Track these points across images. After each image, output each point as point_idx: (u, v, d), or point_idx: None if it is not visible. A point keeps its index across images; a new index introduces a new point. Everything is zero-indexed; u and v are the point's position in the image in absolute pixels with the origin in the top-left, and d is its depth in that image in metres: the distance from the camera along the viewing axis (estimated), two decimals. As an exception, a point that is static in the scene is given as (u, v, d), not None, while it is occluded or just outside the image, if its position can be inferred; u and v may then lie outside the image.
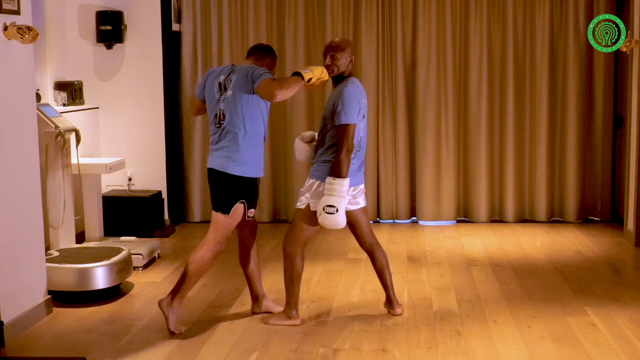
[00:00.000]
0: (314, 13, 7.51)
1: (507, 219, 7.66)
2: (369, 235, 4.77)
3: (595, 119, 7.54)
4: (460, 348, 4.28)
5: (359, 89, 4.54)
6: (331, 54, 4.50)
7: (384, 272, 4.79)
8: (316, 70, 4.48)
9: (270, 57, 4.67)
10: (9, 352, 4.26)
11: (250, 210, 4.56)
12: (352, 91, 4.45)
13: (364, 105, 4.54)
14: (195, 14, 7.51)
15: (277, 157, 7.70)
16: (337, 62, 4.50)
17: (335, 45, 4.52)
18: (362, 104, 4.51)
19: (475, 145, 7.56)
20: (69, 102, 6.66)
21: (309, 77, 4.43)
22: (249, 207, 4.55)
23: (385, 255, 4.82)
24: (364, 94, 4.59)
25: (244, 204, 4.51)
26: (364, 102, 4.56)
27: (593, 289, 5.36)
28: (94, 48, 7.20)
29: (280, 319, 4.66)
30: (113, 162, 6.18)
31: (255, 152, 4.48)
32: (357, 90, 4.50)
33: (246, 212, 4.55)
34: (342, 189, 4.37)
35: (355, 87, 4.51)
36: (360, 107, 4.48)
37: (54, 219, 5.61)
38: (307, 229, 4.59)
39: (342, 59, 4.50)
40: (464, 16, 7.47)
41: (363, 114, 4.54)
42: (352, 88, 4.47)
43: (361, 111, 4.50)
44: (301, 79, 4.39)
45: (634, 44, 6.50)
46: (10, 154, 4.51)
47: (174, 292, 4.51)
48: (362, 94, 4.56)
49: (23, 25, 4.47)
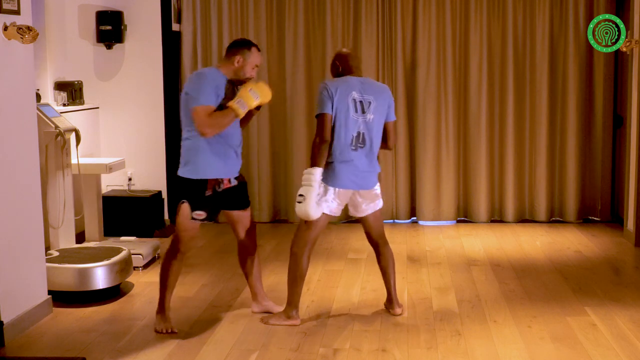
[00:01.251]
0: (314, 13, 7.51)
1: (507, 219, 7.66)
2: (378, 235, 4.82)
3: (595, 119, 7.54)
4: (460, 348, 4.28)
5: (341, 83, 4.55)
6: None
7: (387, 271, 4.82)
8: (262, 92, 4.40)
9: (238, 52, 4.48)
10: (9, 352, 4.26)
11: (196, 212, 4.44)
12: (324, 85, 4.53)
13: (352, 100, 4.52)
14: (195, 14, 7.51)
15: (277, 157, 7.70)
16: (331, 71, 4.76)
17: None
18: (342, 97, 4.50)
19: (475, 145, 7.56)
20: (69, 102, 6.66)
21: (254, 106, 4.37)
22: (193, 208, 4.45)
23: (392, 256, 4.85)
24: (366, 91, 4.58)
25: (188, 205, 4.45)
26: (359, 97, 4.55)
27: (593, 289, 5.36)
28: (94, 48, 7.20)
29: (280, 319, 4.66)
30: (113, 162, 6.18)
31: (199, 154, 4.40)
32: (335, 83, 4.54)
33: (191, 213, 4.45)
34: (311, 178, 4.43)
35: (335, 81, 4.58)
36: (332, 99, 4.48)
37: (54, 219, 5.61)
38: (313, 228, 4.60)
39: (331, 69, 4.75)
40: (464, 16, 7.47)
41: (359, 109, 4.53)
42: (328, 81, 4.57)
43: (339, 103, 4.49)
44: (233, 114, 4.32)
45: (634, 44, 6.50)
46: (10, 154, 4.50)
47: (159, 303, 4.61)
48: (352, 88, 4.54)
49: (23, 25, 4.46)
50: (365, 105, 4.57)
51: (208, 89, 4.32)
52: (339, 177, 4.54)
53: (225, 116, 4.31)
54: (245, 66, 4.46)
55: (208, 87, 4.32)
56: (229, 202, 4.59)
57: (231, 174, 4.51)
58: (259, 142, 7.63)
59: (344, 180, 4.55)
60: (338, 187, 4.56)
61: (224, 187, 4.48)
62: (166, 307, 4.58)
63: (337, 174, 4.54)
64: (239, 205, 4.65)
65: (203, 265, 6.10)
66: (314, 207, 4.45)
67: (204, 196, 4.43)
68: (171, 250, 4.55)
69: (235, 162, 4.53)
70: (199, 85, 4.34)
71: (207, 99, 4.30)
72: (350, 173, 4.56)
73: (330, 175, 4.54)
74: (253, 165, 7.66)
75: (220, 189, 4.47)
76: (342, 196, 4.60)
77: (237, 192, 4.61)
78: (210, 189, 4.44)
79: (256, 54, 4.53)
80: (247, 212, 4.71)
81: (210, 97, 4.31)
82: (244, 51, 4.48)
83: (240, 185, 4.62)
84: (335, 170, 4.54)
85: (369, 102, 4.58)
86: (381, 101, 4.63)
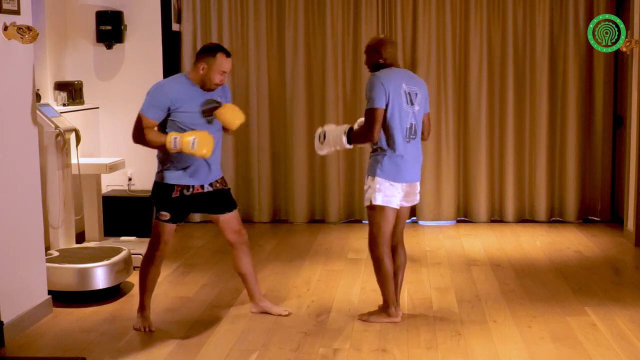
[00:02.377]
0: (314, 13, 7.51)
1: (507, 219, 7.66)
2: (400, 232, 4.81)
3: (595, 119, 7.54)
4: (460, 348, 4.28)
5: (392, 75, 4.52)
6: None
7: (397, 272, 4.79)
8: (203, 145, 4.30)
9: (202, 59, 4.41)
10: (9, 352, 4.26)
11: (161, 212, 4.48)
12: (378, 78, 4.49)
13: (404, 92, 4.52)
14: (195, 14, 7.51)
15: (277, 157, 7.70)
16: (366, 61, 4.68)
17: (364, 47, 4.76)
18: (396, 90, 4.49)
19: (475, 145, 7.56)
20: (69, 102, 6.66)
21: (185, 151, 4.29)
22: (158, 209, 4.50)
23: (405, 257, 4.84)
24: (411, 82, 4.58)
25: (154, 206, 4.53)
26: (407, 89, 4.54)
27: (593, 289, 5.36)
28: (94, 48, 7.20)
29: (380, 317, 4.70)
30: (113, 162, 6.18)
31: (167, 162, 4.46)
32: (387, 76, 4.50)
33: (156, 213, 4.52)
34: (336, 142, 4.62)
35: (386, 73, 4.52)
36: (388, 92, 4.46)
37: (54, 219, 5.61)
38: (384, 225, 4.59)
39: (368, 58, 4.66)
40: (464, 16, 7.47)
41: (408, 101, 4.53)
42: (381, 75, 4.51)
43: (394, 96, 4.48)
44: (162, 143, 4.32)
45: (634, 44, 6.50)
46: (10, 154, 4.50)
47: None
48: (401, 79, 4.54)
49: (23, 25, 4.47)
50: (412, 96, 4.57)
51: (155, 103, 4.34)
52: (403, 171, 4.56)
53: (155, 141, 4.36)
54: (210, 73, 4.39)
55: (156, 102, 4.34)
56: (204, 206, 4.60)
57: (201, 182, 4.51)
58: (259, 142, 7.63)
59: (407, 173, 4.57)
60: (404, 181, 4.58)
61: (193, 192, 4.50)
62: (145, 306, 4.64)
63: (399, 168, 4.54)
64: (220, 209, 4.64)
65: (203, 265, 6.10)
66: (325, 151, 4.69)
67: (170, 198, 4.46)
68: (147, 255, 4.59)
69: (206, 173, 4.51)
70: (150, 96, 4.38)
71: (151, 113, 4.34)
72: (409, 166, 4.58)
73: (392, 171, 4.53)
74: (253, 165, 7.66)
75: (189, 192, 4.49)
76: (405, 189, 4.62)
77: (215, 198, 4.59)
78: (178, 191, 4.47)
79: (222, 59, 4.41)
80: (231, 215, 4.67)
81: (155, 112, 4.34)
82: (208, 58, 4.40)
83: (219, 192, 4.60)
84: (397, 164, 4.53)
85: (416, 94, 4.59)
86: (423, 92, 4.66)
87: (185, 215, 4.63)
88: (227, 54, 4.45)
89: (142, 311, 4.64)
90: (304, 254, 6.43)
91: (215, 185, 4.57)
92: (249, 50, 7.50)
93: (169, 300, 5.17)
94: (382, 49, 4.58)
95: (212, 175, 4.55)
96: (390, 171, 4.53)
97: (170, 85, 4.45)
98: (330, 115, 7.50)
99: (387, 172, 4.53)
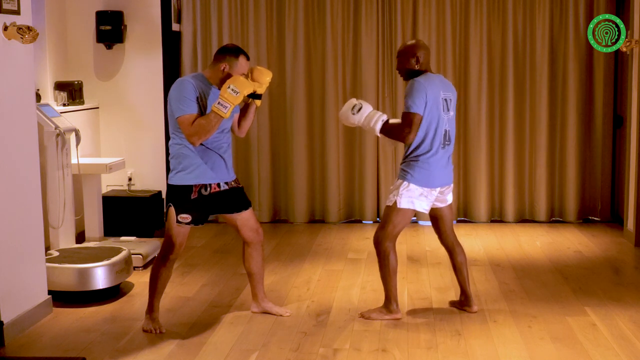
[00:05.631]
0: (314, 13, 7.51)
1: (507, 219, 7.66)
2: (450, 231, 4.87)
3: (595, 119, 7.54)
4: (460, 348, 4.28)
5: (431, 80, 4.56)
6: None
7: (462, 269, 4.87)
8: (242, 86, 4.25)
9: (224, 59, 4.39)
10: (9, 352, 4.26)
11: (181, 215, 4.44)
12: (421, 84, 4.51)
13: (442, 99, 4.57)
14: (195, 14, 7.51)
15: (277, 157, 7.70)
16: (399, 66, 4.68)
17: (397, 52, 4.75)
18: (435, 97, 4.53)
19: (475, 145, 7.56)
20: (69, 102, 6.66)
21: (237, 102, 4.24)
22: (178, 212, 4.44)
23: (464, 253, 4.92)
24: (446, 88, 4.63)
25: (174, 209, 4.46)
26: (444, 95, 4.59)
27: (593, 289, 5.36)
28: (94, 48, 7.20)
29: (382, 313, 4.73)
30: (113, 162, 6.18)
31: (184, 162, 4.41)
32: (428, 82, 4.53)
33: (176, 216, 4.46)
34: (369, 121, 4.65)
35: (426, 79, 4.55)
36: (427, 99, 4.49)
37: (54, 219, 5.61)
38: (398, 224, 4.65)
39: (403, 62, 4.65)
40: (464, 16, 7.47)
41: (444, 107, 4.58)
42: (423, 80, 4.54)
43: (433, 104, 4.52)
44: (217, 117, 4.24)
45: (634, 44, 6.50)
46: (10, 154, 4.50)
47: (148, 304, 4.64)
48: (438, 86, 4.58)
49: (23, 25, 4.46)
50: (448, 102, 4.63)
51: (189, 97, 4.29)
52: (435, 176, 4.61)
53: (209, 121, 4.24)
54: (232, 74, 4.38)
55: (189, 95, 4.29)
56: (221, 206, 4.58)
57: (219, 180, 4.50)
58: (259, 142, 7.63)
59: (439, 178, 4.63)
60: (435, 186, 4.63)
61: (211, 191, 4.47)
62: (155, 308, 4.61)
63: (432, 173, 4.59)
64: (236, 208, 4.63)
65: (203, 265, 6.10)
66: (351, 122, 4.72)
67: (189, 199, 4.43)
68: (160, 257, 4.56)
69: (223, 169, 4.50)
70: (179, 94, 4.31)
71: (189, 108, 4.28)
72: (441, 171, 4.64)
73: (424, 177, 4.58)
74: (253, 165, 7.66)
75: (207, 192, 4.46)
76: (436, 192, 4.68)
77: (231, 196, 4.58)
78: (196, 192, 4.44)
79: (244, 62, 4.42)
80: (248, 213, 4.68)
81: (192, 105, 4.29)
82: (231, 59, 4.39)
83: (234, 190, 4.60)
84: (430, 170, 4.59)
85: (450, 100, 4.65)
86: (455, 98, 4.72)
87: (205, 216, 4.56)
88: (247, 57, 4.47)
89: (150, 313, 4.61)
90: (304, 254, 6.43)
91: (230, 183, 4.57)
92: (249, 50, 7.49)
93: (169, 300, 5.17)
94: (420, 53, 4.61)
95: (230, 174, 4.55)
96: (422, 177, 4.59)
97: (189, 80, 4.39)
98: (331, 115, 7.50)
99: (419, 178, 4.59)
